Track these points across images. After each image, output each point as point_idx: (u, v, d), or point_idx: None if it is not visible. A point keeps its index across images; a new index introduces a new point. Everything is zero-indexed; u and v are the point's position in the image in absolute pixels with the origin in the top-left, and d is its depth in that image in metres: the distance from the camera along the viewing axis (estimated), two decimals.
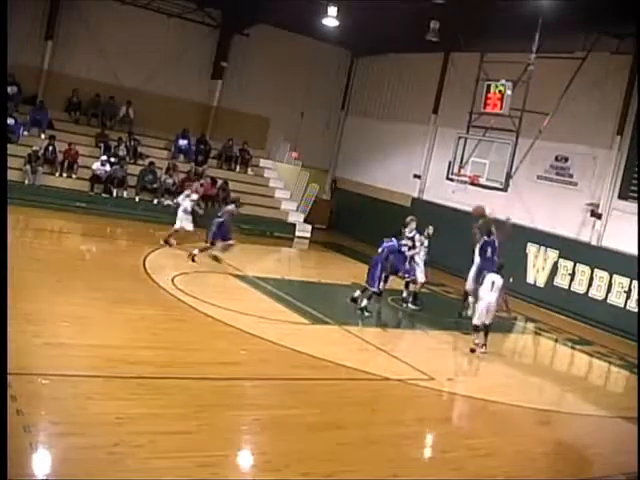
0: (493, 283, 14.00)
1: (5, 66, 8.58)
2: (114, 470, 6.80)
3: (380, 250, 15.86)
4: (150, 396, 8.88)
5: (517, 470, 8.81)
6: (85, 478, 6.54)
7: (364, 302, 15.62)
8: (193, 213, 18.97)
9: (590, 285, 20.18)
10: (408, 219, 17.23)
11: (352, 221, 28.46)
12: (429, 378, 11.88)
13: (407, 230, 17.00)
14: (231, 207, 18.18)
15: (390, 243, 15.93)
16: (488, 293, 14.03)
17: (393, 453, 8.60)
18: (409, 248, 16.71)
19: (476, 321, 14.12)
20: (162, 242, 18.85)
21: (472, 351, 13.95)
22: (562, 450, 10.11)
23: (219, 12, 27.92)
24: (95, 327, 11.30)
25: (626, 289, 19.22)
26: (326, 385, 10.88)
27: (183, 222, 18.78)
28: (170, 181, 24.69)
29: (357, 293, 16.16)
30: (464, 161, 20.04)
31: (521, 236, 21.53)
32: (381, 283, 15.88)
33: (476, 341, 14.05)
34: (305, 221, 27.59)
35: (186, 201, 18.98)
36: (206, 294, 14.49)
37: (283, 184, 28.49)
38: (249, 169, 28.28)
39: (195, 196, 19.32)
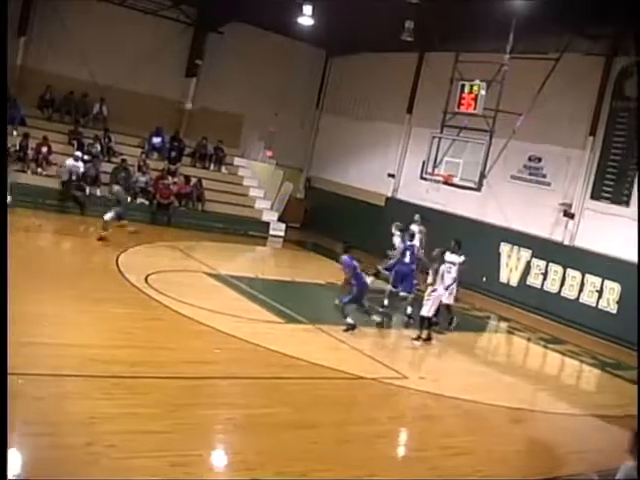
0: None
1: (5, 66, 8.46)
2: (88, 470, 6.76)
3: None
4: (124, 395, 8.84)
5: (490, 468, 8.86)
6: (59, 478, 6.48)
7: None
8: None
9: (562, 284, 20.35)
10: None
11: (326, 220, 28.41)
12: (403, 377, 11.95)
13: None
14: None
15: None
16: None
17: (367, 452, 8.62)
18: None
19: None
20: None
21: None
22: (535, 448, 10.18)
23: (194, 10, 27.81)
24: (69, 326, 11.23)
25: (598, 289, 19.40)
26: (300, 384, 10.87)
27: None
28: (143, 179, 24.54)
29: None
30: (438, 161, 20.07)
31: (494, 235, 21.70)
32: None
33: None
34: (279, 220, 27.54)
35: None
36: (180, 293, 14.42)
37: (257, 183, 28.43)
38: (223, 167, 28.21)
39: None
